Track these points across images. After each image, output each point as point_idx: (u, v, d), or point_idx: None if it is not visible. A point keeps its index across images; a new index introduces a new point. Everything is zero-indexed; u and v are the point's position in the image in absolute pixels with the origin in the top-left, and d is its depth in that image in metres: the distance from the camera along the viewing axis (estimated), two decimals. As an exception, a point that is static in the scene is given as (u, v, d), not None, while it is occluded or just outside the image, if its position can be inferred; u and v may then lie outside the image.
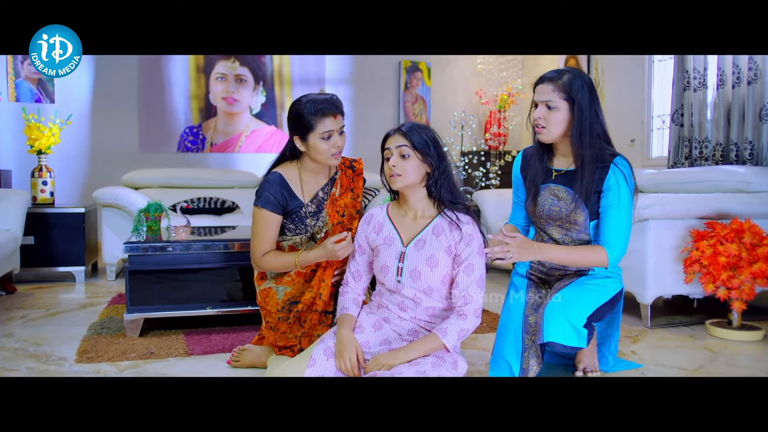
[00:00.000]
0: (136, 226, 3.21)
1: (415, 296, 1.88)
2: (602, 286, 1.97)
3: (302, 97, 2.09)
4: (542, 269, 2.10)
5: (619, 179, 1.90)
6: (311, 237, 2.19)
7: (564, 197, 1.97)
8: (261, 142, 6.06)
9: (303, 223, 2.16)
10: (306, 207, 2.15)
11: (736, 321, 2.67)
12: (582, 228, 1.97)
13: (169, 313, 2.67)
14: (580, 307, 1.85)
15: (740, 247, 2.53)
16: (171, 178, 4.86)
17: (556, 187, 1.99)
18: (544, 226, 2.04)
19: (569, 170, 2.00)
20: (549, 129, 1.94)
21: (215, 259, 2.75)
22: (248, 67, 6.00)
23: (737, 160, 3.96)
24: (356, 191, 2.26)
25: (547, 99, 1.92)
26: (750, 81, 3.86)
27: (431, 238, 1.88)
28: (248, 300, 2.75)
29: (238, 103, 6.00)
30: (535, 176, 2.03)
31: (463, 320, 1.81)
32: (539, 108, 1.95)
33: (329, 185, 2.21)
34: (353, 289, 2.01)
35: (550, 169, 2.04)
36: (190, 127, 5.90)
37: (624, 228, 1.91)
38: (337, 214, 2.20)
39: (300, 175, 2.17)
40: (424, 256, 1.86)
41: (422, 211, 1.92)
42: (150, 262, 2.66)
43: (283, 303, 2.16)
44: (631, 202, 1.92)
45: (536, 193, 2.02)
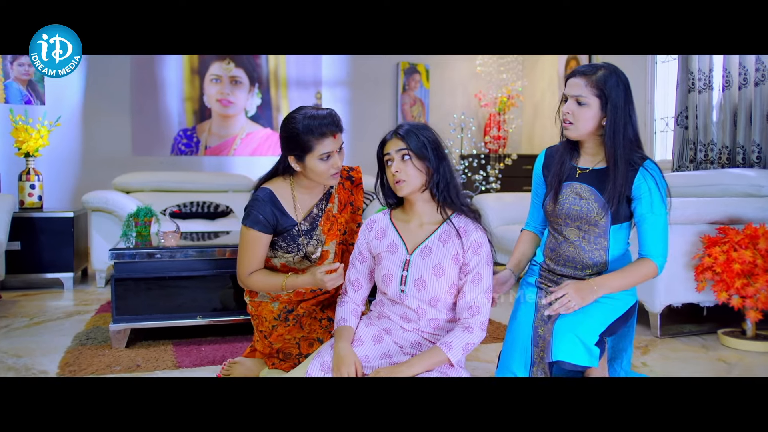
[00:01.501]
0: (125, 232, 3.09)
1: (418, 307, 1.77)
2: (616, 300, 1.86)
3: (296, 114, 1.91)
4: (552, 277, 1.98)
5: (650, 184, 1.79)
6: (305, 256, 2.06)
7: (587, 196, 1.86)
8: (256, 145, 5.95)
9: (295, 242, 2.02)
10: (299, 225, 2.02)
11: (750, 330, 2.56)
12: (601, 232, 1.86)
13: (158, 323, 2.55)
14: (592, 323, 1.74)
15: (755, 254, 2.42)
16: (163, 182, 4.75)
17: (579, 186, 1.88)
18: (562, 226, 1.92)
19: (595, 169, 1.89)
20: (577, 125, 1.83)
21: (206, 266, 2.63)
22: (243, 68, 5.89)
23: (744, 163, 3.86)
24: (356, 204, 2.14)
25: (578, 94, 1.81)
26: (757, 82, 3.76)
27: (438, 245, 1.78)
28: (241, 309, 2.63)
29: (233, 106, 5.88)
30: (558, 172, 1.92)
31: (468, 333, 1.70)
32: (569, 102, 1.84)
33: (324, 200, 2.08)
34: (352, 299, 1.90)
35: (574, 167, 1.92)
36: (184, 129, 5.79)
37: (664, 234, 1.81)
38: (339, 233, 2.08)
39: (293, 193, 2.02)
40: (430, 264, 1.76)
41: (428, 217, 1.82)
42: (137, 269, 2.54)
43: (278, 311, 2.07)
44: (664, 205, 1.82)
45: (558, 191, 1.91)
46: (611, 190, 1.80)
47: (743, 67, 3.86)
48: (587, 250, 1.88)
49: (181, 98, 5.76)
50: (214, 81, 5.82)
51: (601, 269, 1.88)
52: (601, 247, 1.87)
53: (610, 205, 1.81)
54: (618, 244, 1.88)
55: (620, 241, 1.89)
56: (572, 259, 1.90)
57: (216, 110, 5.84)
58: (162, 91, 5.72)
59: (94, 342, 2.64)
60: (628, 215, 1.86)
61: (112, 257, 2.52)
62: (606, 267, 1.87)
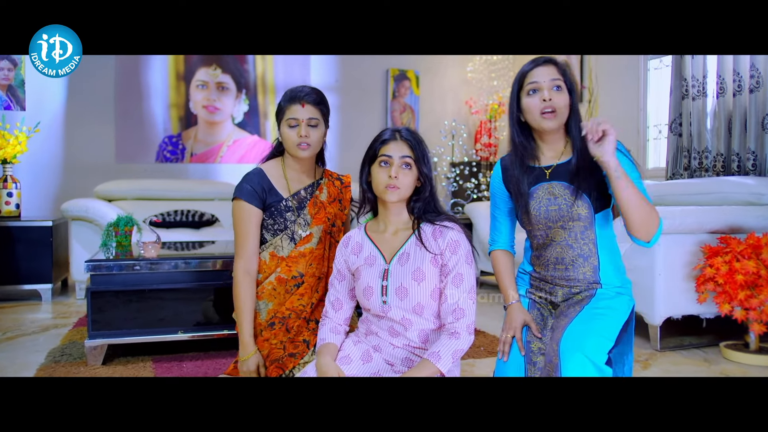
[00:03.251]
0: (105, 242, 2.97)
1: (403, 318, 1.67)
2: (615, 309, 1.76)
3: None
4: (544, 286, 1.88)
5: (621, 159, 1.72)
6: (292, 237, 2.04)
7: (561, 193, 1.78)
8: (243, 152, 5.83)
9: (282, 216, 2.04)
10: (285, 201, 2.05)
11: (753, 344, 2.48)
12: (587, 224, 1.77)
13: (136, 339, 2.42)
14: (599, 340, 1.63)
15: (758, 264, 2.34)
16: (147, 190, 4.63)
17: (550, 185, 1.80)
18: (543, 230, 1.82)
19: (560, 163, 1.82)
20: (560, 112, 1.76)
21: (188, 278, 2.51)
22: (230, 74, 5.77)
23: (739, 170, 3.80)
24: (344, 203, 2.17)
25: (556, 78, 1.76)
26: (752, 89, 3.70)
27: (415, 249, 1.70)
28: (224, 323, 2.52)
29: (219, 112, 5.76)
30: (522, 181, 1.83)
31: (455, 339, 1.61)
32: (546, 91, 1.76)
33: (314, 186, 2.12)
34: (332, 319, 1.80)
35: (539, 168, 1.84)
36: (169, 136, 5.66)
37: (648, 197, 1.71)
38: (328, 222, 2.09)
39: (284, 171, 2.09)
40: (409, 270, 1.67)
41: (403, 224, 1.75)
42: (115, 281, 2.42)
43: (267, 322, 2.00)
44: (638, 173, 1.75)
45: (528, 200, 1.82)
46: (583, 178, 1.73)
47: (737, 73, 3.81)
48: (575, 248, 1.79)
49: (166, 104, 5.63)
50: (200, 87, 5.70)
51: (593, 264, 1.78)
52: (589, 240, 1.78)
53: (585, 191, 1.74)
54: (604, 232, 1.79)
55: (606, 228, 1.80)
56: (561, 260, 1.81)
57: (202, 117, 5.72)
58: (147, 97, 5.59)
59: (69, 359, 2.50)
60: (606, 199, 1.78)
61: (88, 269, 2.39)
62: (598, 263, 1.78)
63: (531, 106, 1.78)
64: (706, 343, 2.76)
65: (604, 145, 1.64)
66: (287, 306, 2.01)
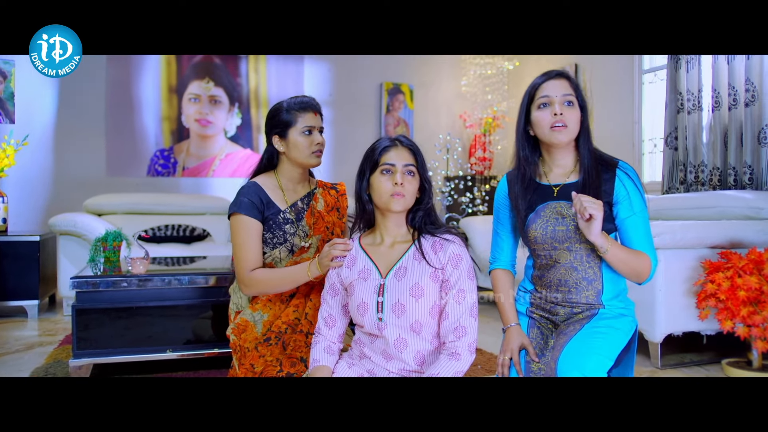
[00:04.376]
0: (92, 257, 2.89)
1: (399, 337, 1.59)
2: (617, 329, 1.71)
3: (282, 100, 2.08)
4: (545, 305, 1.82)
5: (629, 186, 1.71)
6: (291, 249, 2.00)
7: (570, 214, 1.73)
8: (236, 166, 5.77)
9: (281, 229, 2.00)
10: (284, 213, 2.01)
11: (756, 361, 2.43)
12: (592, 247, 1.72)
13: (123, 358, 2.35)
14: (598, 359, 1.58)
15: (761, 280, 2.30)
16: (138, 204, 4.56)
17: (559, 204, 1.75)
18: (549, 251, 1.77)
19: (569, 183, 1.77)
20: (570, 127, 1.72)
21: (177, 294, 2.44)
22: (223, 87, 5.73)
23: (735, 184, 3.77)
24: (342, 211, 2.15)
25: (568, 93, 1.72)
26: (747, 103, 3.69)
27: (413, 264, 1.62)
28: (216, 341, 2.45)
29: (212, 126, 5.71)
30: (526, 197, 1.79)
31: (456, 361, 1.54)
32: (557, 105, 1.72)
33: (308, 197, 2.09)
34: (326, 337, 1.73)
35: (547, 186, 1.79)
36: (161, 150, 5.60)
37: (648, 234, 1.71)
38: (327, 230, 2.05)
39: (279, 183, 2.06)
40: (406, 285, 1.59)
41: (401, 237, 1.67)
42: (101, 299, 2.35)
43: (263, 336, 1.93)
44: (644, 204, 1.72)
45: (533, 216, 1.77)
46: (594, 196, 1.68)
47: (732, 87, 3.80)
48: (580, 270, 1.74)
49: (158, 118, 5.58)
50: (192, 100, 5.65)
51: (597, 288, 1.74)
52: (594, 264, 1.73)
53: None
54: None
55: None
56: (564, 282, 1.76)
57: (194, 130, 5.66)
58: (138, 110, 5.53)
59: (54, 378, 2.42)
60: (612, 223, 1.74)
61: (74, 286, 2.32)
62: (601, 287, 1.73)
63: (541, 120, 1.74)
64: (707, 360, 2.71)
65: (591, 227, 1.62)
66: (283, 319, 1.95)
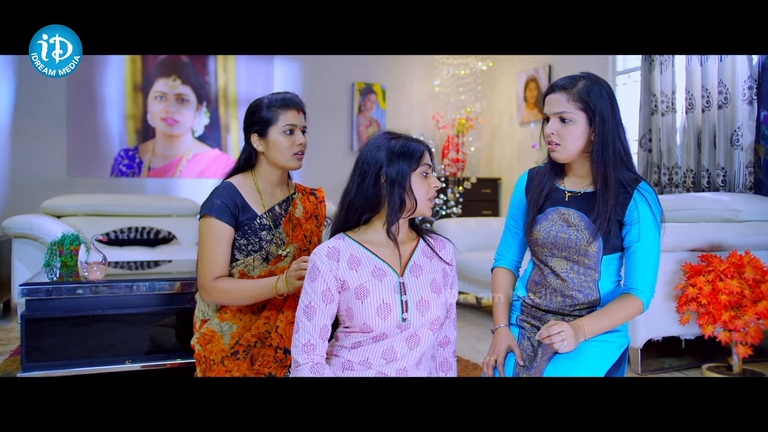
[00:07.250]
0: (47, 262, 2.72)
1: (414, 334, 1.53)
2: (608, 344, 1.64)
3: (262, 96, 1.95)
4: (537, 314, 1.74)
5: (644, 209, 1.60)
6: (266, 257, 1.87)
7: (576, 223, 1.65)
8: (204, 167, 5.60)
9: (257, 235, 1.87)
10: (260, 218, 1.89)
11: (737, 366, 2.39)
12: (592, 263, 1.64)
13: (78, 371, 2.19)
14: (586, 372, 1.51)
15: (742, 284, 2.26)
16: (99, 205, 4.36)
17: (567, 211, 1.66)
18: (547, 256, 1.70)
19: (585, 192, 1.68)
20: (564, 146, 1.62)
21: (138, 302, 2.30)
22: (190, 85, 5.55)
23: (709, 186, 3.77)
24: (320, 219, 2.03)
25: (561, 111, 1.61)
26: (720, 105, 3.69)
27: (425, 261, 1.59)
28: (180, 351, 2.30)
29: (178, 125, 5.53)
30: (541, 195, 1.71)
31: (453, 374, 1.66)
32: (551, 122, 1.63)
33: (286, 203, 1.97)
34: (319, 354, 1.52)
35: (561, 190, 1.71)
36: (125, 149, 5.40)
37: (653, 267, 1.62)
38: (305, 239, 1.93)
39: (256, 186, 1.93)
40: (425, 281, 1.56)
41: (405, 235, 1.60)
42: (54, 307, 2.19)
43: (230, 349, 1.81)
44: (657, 234, 1.62)
45: (541, 216, 1.69)
46: (601, 213, 1.60)
47: (706, 89, 3.80)
48: (576, 283, 1.66)
49: (122, 116, 5.38)
50: (158, 98, 5.47)
51: (594, 305, 1.66)
52: (592, 280, 1.65)
53: (600, 230, 1.60)
54: (610, 277, 1.66)
55: (612, 275, 1.67)
56: (560, 293, 1.68)
57: (160, 129, 5.48)
58: (101, 109, 5.32)
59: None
60: (621, 245, 1.65)
61: (23, 293, 2.15)
62: (598, 302, 1.65)
63: (545, 135, 1.67)
64: (686, 366, 2.67)
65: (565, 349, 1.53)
66: (253, 332, 1.82)
